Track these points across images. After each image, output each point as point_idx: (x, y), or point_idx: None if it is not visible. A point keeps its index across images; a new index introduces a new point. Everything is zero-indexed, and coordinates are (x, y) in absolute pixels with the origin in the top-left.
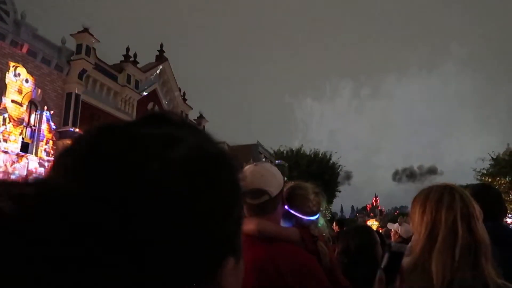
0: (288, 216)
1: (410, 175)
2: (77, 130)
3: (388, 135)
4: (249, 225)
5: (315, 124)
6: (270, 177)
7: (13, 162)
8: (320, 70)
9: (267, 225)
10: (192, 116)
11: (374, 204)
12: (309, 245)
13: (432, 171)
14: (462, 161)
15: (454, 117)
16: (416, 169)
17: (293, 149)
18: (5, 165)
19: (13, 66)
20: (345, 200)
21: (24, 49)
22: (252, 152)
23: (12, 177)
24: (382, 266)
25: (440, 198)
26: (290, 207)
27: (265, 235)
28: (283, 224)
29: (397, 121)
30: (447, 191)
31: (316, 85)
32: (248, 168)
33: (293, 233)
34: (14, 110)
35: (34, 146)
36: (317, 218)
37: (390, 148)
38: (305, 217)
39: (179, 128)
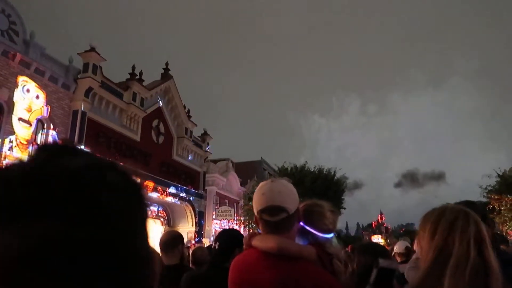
0: (303, 233)
1: (412, 179)
2: (82, 146)
3: (394, 151)
4: (268, 242)
5: (322, 141)
6: (288, 194)
7: None
8: (326, 87)
9: (287, 243)
10: (197, 133)
11: (380, 221)
12: (326, 263)
13: (438, 177)
14: (468, 177)
15: (462, 133)
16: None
17: (298, 165)
18: None
19: (22, 81)
20: (351, 217)
21: (32, 68)
22: (256, 168)
23: None
24: (371, 282)
25: (454, 221)
26: (306, 224)
27: (284, 253)
28: (297, 241)
29: (404, 137)
30: (462, 214)
31: (322, 102)
32: (265, 183)
33: (311, 252)
34: (21, 130)
35: None
36: (333, 237)
37: (396, 165)
38: (321, 235)
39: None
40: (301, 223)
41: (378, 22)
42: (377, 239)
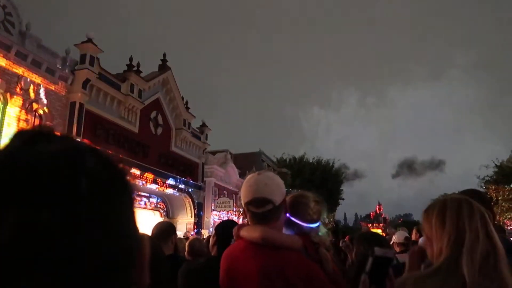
0: (289, 223)
1: (410, 168)
2: (79, 138)
3: (393, 143)
4: (254, 232)
5: (321, 133)
6: (274, 186)
7: None
8: (325, 79)
9: (271, 233)
10: (195, 124)
11: (378, 212)
12: (311, 252)
13: (436, 165)
14: (467, 168)
15: (460, 124)
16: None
17: (296, 157)
18: None
19: (18, 77)
20: (349, 208)
21: (29, 60)
22: (255, 160)
23: None
24: (367, 270)
25: (459, 209)
26: (291, 214)
27: (269, 243)
28: (284, 231)
29: (403, 129)
30: (464, 201)
31: (322, 94)
32: (251, 177)
33: (296, 241)
34: (17, 121)
35: None
36: (318, 226)
37: (395, 156)
38: (305, 225)
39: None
40: (287, 214)
41: (378, 14)
42: (375, 230)
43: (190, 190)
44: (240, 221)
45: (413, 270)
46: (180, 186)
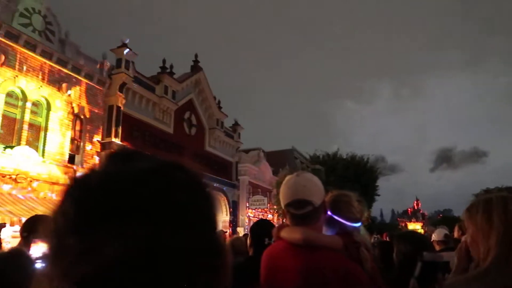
0: (331, 222)
1: (448, 158)
2: (118, 141)
3: (430, 134)
4: (294, 234)
5: (355, 127)
6: (313, 188)
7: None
8: (358, 73)
9: (312, 234)
10: (228, 123)
11: (416, 208)
12: (352, 251)
13: (477, 156)
14: (508, 160)
15: (501, 114)
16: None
17: (329, 153)
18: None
19: (59, 83)
20: (386, 204)
21: (69, 66)
22: (288, 157)
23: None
24: (416, 275)
25: (506, 205)
26: (333, 213)
27: (309, 244)
28: (326, 230)
29: (440, 120)
30: (510, 200)
31: (354, 88)
32: (290, 178)
33: (336, 241)
34: (60, 125)
35: (81, 157)
36: (360, 226)
37: (433, 148)
38: (349, 224)
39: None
40: (329, 213)
41: (411, 3)
42: (414, 226)
43: (224, 188)
44: (275, 220)
45: (461, 268)
46: (214, 185)
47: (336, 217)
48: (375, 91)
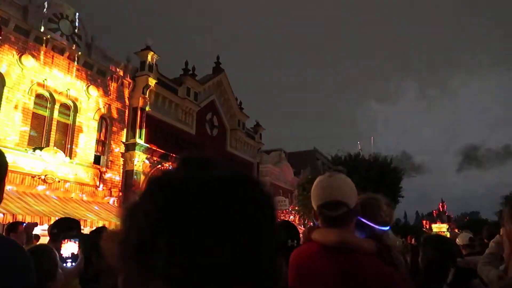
0: (360, 226)
1: (474, 158)
2: (142, 142)
3: (457, 135)
4: (329, 236)
5: (379, 127)
6: (348, 189)
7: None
8: (382, 72)
9: (347, 236)
10: (249, 124)
11: (441, 210)
12: (385, 255)
13: (507, 154)
14: None
15: None
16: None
17: (352, 154)
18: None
19: (86, 86)
20: (410, 205)
21: (95, 69)
22: (310, 158)
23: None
24: (448, 282)
25: None
26: (362, 216)
27: (345, 246)
28: (355, 234)
29: (468, 120)
30: None
31: (378, 87)
32: (323, 179)
33: (371, 244)
34: (86, 126)
35: (106, 158)
36: (389, 230)
37: (460, 149)
38: (378, 227)
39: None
40: (358, 217)
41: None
42: (439, 228)
43: None
44: (297, 221)
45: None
46: None
47: (364, 221)
48: (400, 90)
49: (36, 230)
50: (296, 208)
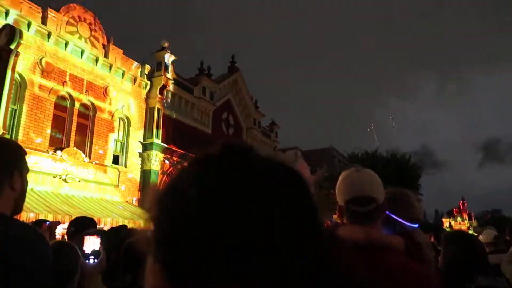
0: (389, 222)
1: (495, 153)
2: (159, 141)
3: (478, 131)
4: (356, 233)
5: (397, 124)
6: (376, 184)
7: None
8: (400, 68)
9: (376, 234)
10: (265, 123)
11: (462, 208)
12: (414, 253)
13: None
14: None
15: None
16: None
17: (369, 151)
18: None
19: (104, 87)
20: (429, 203)
21: (112, 71)
22: (326, 156)
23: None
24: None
25: None
26: (391, 212)
27: (373, 244)
28: (383, 231)
29: (489, 116)
30: None
31: (397, 83)
32: (350, 173)
33: (400, 242)
34: (104, 127)
35: (124, 158)
36: (419, 227)
37: (481, 144)
38: (409, 224)
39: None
40: (387, 212)
41: None
42: (459, 227)
43: None
44: None
45: None
46: None
47: (395, 217)
48: (419, 87)
49: (58, 229)
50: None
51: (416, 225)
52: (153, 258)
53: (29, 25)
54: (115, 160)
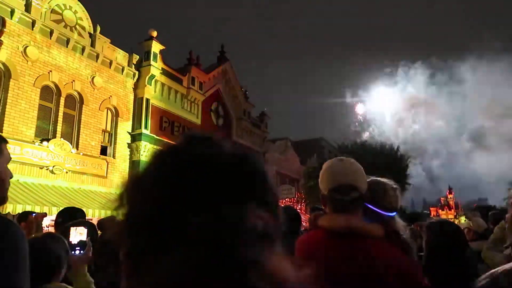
0: (366, 211)
1: (483, 143)
2: (147, 132)
3: (468, 122)
4: (337, 221)
5: (387, 115)
6: (360, 174)
7: None
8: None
9: (356, 221)
10: (255, 113)
11: (449, 197)
12: (394, 241)
13: None
14: None
15: None
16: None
17: (358, 142)
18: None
19: (91, 76)
20: (417, 192)
21: (99, 60)
22: (316, 146)
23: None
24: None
25: None
26: (368, 202)
27: (354, 231)
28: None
29: (479, 107)
30: None
31: (385, 74)
32: (334, 163)
33: (380, 229)
34: (92, 117)
35: (112, 149)
36: (396, 215)
37: (469, 135)
38: (384, 213)
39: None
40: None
41: None
42: (446, 216)
43: None
44: (304, 208)
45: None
46: None
47: (371, 206)
48: (408, 77)
49: (47, 221)
50: (303, 196)
51: (393, 214)
52: (123, 247)
53: (12, 12)
54: (103, 151)
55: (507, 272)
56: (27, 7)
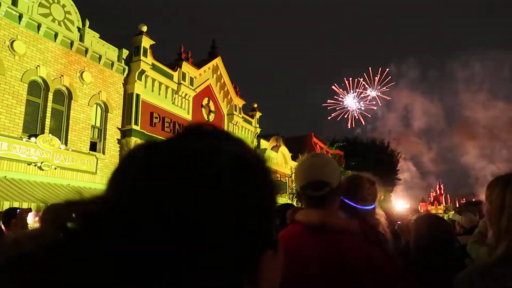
0: (343, 207)
1: (471, 136)
2: (137, 128)
3: (458, 117)
4: (311, 216)
5: (379, 111)
6: (330, 169)
7: None
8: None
9: (330, 217)
10: (246, 109)
11: (438, 192)
12: (369, 234)
13: None
14: None
15: None
16: None
17: (349, 137)
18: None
19: (79, 71)
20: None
21: (88, 55)
22: (307, 142)
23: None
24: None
25: None
26: (345, 197)
27: (328, 226)
28: (339, 215)
29: (473, 104)
30: None
31: (378, 71)
32: (306, 159)
33: (354, 224)
34: (81, 113)
35: (102, 145)
36: (373, 208)
37: (457, 130)
38: (360, 207)
39: (216, 139)
40: (341, 197)
41: None
42: (435, 211)
43: None
44: (295, 204)
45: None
46: None
47: (347, 201)
48: (400, 73)
49: (32, 217)
50: (294, 192)
51: (370, 207)
52: None
53: None
54: (93, 147)
55: (481, 269)
56: (14, 0)
